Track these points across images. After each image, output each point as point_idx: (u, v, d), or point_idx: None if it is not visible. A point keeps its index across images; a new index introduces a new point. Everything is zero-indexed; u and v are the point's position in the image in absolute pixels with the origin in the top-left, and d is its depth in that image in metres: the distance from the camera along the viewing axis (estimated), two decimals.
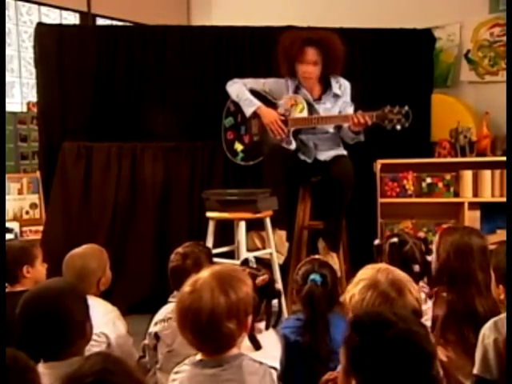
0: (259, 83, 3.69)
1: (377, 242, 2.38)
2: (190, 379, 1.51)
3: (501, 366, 1.68)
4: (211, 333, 1.47)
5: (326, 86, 3.57)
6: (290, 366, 1.89)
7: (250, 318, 1.54)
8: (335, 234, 3.48)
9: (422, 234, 2.48)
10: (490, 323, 1.77)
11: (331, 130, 3.58)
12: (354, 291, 1.63)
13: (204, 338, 1.49)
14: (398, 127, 3.24)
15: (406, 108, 3.25)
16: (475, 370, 1.76)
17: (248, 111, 3.60)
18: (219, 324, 1.46)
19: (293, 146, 3.51)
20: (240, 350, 1.56)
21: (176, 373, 1.57)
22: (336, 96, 3.55)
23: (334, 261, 3.31)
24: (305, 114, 3.48)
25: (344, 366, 1.20)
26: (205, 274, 1.55)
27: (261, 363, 1.58)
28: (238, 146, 3.73)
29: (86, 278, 2.28)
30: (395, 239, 2.23)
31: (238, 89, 3.66)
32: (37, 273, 2.44)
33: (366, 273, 1.69)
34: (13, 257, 2.38)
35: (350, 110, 3.53)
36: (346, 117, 3.39)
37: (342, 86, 3.57)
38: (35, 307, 1.64)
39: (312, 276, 1.98)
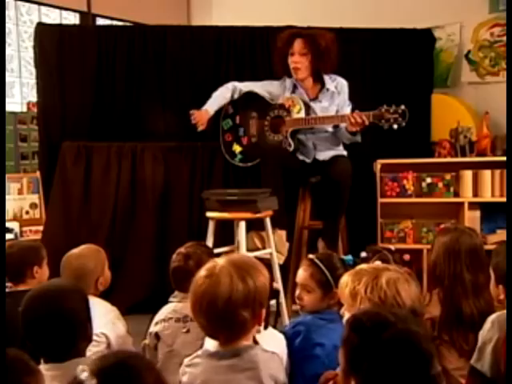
0: (257, 86, 3.68)
1: (363, 254, 2.39)
2: (206, 371, 1.49)
3: (494, 361, 1.69)
4: (225, 320, 1.46)
5: (322, 85, 3.58)
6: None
7: (264, 312, 1.54)
8: (333, 234, 3.48)
9: (407, 257, 2.48)
10: (493, 317, 1.78)
11: (330, 129, 3.58)
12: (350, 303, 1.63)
13: (217, 324, 1.47)
14: (395, 126, 3.23)
15: (403, 107, 3.23)
16: (472, 360, 1.79)
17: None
18: (235, 311, 1.45)
19: (291, 147, 3.51)
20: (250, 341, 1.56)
21: (188, 366, 1.55)
22: (332, 93, 3.55)
23: None
24: (302, 114, 3.48)
25: (343, 366, 1.20)
26: (222, 260, 1.54)
27: (273, 353, 1.59)
28: (237, 148, 3.73)
29: (83, 278, 2.27)
30: (378, 262, 2.24)
31: (218, 91, 3.65)
32: (43, 273, 2.45)
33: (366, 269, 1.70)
34: (23, 257, 2.39)
35: (347, 109, 3.53)
36: (343, 117, 3.38)
37: (338, 85, 3.57)
38: (39, 307, 1.63)
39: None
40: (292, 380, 1.82)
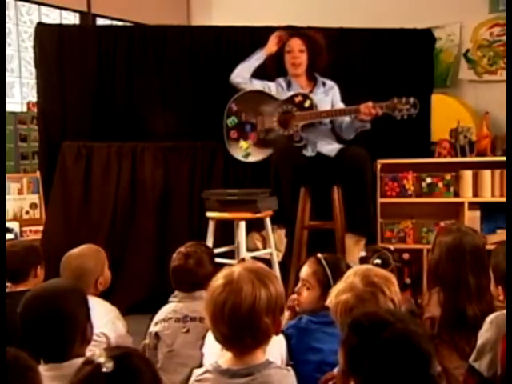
0: (263, 83, 3.73)
1: (363, 254, 2.40)
2: None
3: (492, 361, 1.70)
4: (249, 327, 1.41)
5: (315, 82, 3.67)
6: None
7: (282, 319, 1.50)
8: (366, 219, 3.46)
9: (406, 256, 2.48)
10: (491, 317, 1.79)
11: (327, 121, 3.62)
12: (332, 295, 1.66)
13: (241, 332, 1.42)
14: (406, 117, 3.34)
15: (413, 99, 3.35)
16: (470, 359, 1.79)
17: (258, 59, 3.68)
18: (259, 318, 1.41)
19: (302, 141, 3.52)
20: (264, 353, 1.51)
21: (198, 381, 1.49)
22: (325, 88, 3.64)
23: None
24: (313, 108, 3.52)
25: (342, 366, 1.20)
26: (237, 267, 1.50)
27: (288, 369, 1.54)
28: (243, 145, 3.69)
29: (83, 277, 2.27)
30: (378, 261, 2.24)
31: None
32: (42, 274, 2.46)
33: (347, 276, 1.71)
34: (28, 256, 2.40)
35: (341, 105, 3.63)
36: (355, 109, 3.42)
37: (328, 85, 3.67)
38: (38, 307, 1.63)
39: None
40: None
